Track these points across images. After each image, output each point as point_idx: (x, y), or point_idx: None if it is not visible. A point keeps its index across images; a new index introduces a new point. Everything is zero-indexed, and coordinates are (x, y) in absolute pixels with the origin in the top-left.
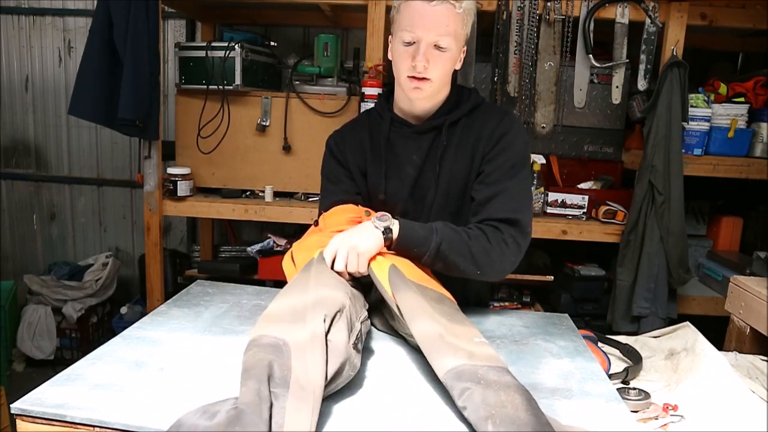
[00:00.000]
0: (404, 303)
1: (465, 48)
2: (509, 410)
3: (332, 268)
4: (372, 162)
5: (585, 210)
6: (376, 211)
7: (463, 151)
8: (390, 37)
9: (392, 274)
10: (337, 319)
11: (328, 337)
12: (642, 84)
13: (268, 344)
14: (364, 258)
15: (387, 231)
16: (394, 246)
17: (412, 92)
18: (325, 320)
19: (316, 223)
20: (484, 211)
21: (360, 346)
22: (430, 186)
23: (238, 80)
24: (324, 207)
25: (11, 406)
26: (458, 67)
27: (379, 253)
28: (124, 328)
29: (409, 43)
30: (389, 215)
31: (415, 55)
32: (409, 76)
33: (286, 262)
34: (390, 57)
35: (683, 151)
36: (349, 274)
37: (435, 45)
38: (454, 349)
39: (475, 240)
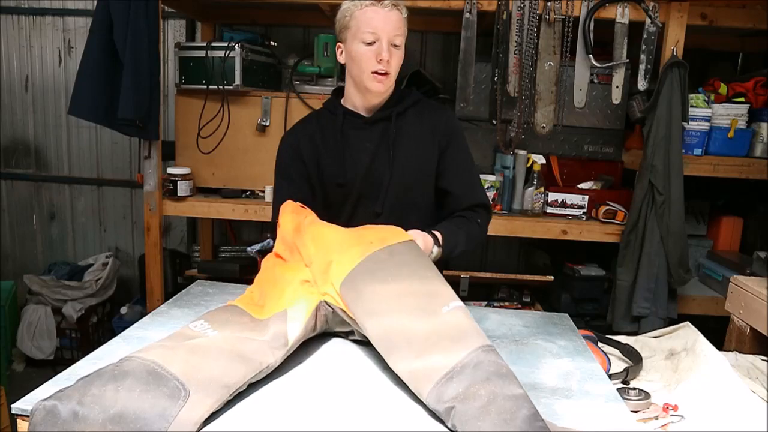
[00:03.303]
0: (372, 332)
1: None
2: (497, 401)
3: None
4: (326, 153)
5: (585, 210)
6: (333, 198)
7: (417, 139)
8: (339, 43)
9: (346, 293)
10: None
11: None
12: (642, 84)
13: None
14: None
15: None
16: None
17: (376, 86)
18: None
19: (274, 228)
20: (464, 200)
21: None
22: (385, 170)
23: (238, 80)
24: (278, 205)
25: (11, 406)
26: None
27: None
28: (124, 328)
29: (371, 44)
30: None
31: (379, 52)
32: (373, 72)
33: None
34: (342, 60)
35: (683, 151)
36: None
37: (392, 44)
38: (420, 376)
39: (472, 227)
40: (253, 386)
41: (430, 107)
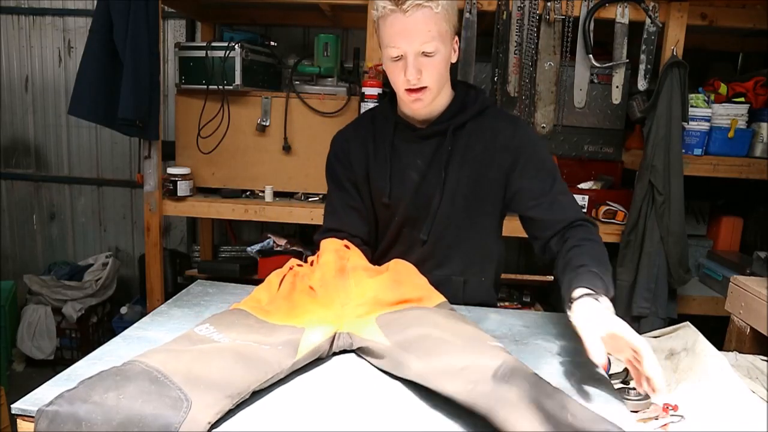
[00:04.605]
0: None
1: (456, 39)
2: (517, 374)
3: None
4: (375, 165)
5: (585, 210)
6: (379, 217)
7: (476, 159)
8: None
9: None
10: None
11: None
12: (642, 84)
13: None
14: None
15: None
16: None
17: (413, 104)
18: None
19: (318, 245)
20: (553, 225)
21: None
22: (435, 192)
23: (238, 80)
24: (326, 219)
25: (11, 406)
26: (454, 60)
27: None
28: (124, 328)
29: (397, 58)
30: (605, 297)
31: (405, 69)
32: (406, 90)
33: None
34: (385, 69)
35: (683, 151)
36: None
37: (422, 53)
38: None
39: (601, 250)
40: (258, 389)
41: (495, 118)
